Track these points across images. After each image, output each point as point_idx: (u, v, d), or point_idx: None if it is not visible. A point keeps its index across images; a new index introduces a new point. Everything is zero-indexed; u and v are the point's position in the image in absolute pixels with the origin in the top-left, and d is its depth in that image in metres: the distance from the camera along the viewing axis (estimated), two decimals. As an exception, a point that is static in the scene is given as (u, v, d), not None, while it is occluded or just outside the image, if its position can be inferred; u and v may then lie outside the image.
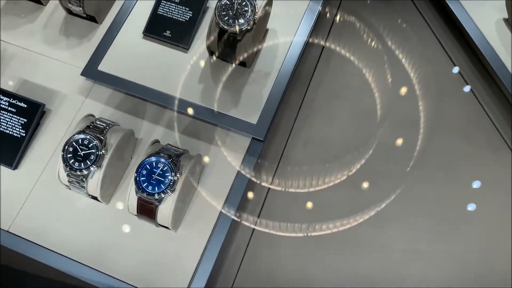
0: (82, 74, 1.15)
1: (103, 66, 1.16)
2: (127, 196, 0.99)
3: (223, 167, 1.08)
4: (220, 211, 1.04)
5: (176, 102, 1.11)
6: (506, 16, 1.19)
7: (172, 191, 0.95)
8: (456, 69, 1.22)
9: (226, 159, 1.09)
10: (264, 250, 1.08)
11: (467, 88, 1.20)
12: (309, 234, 1.08)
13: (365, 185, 1.12)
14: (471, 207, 1.08)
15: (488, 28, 1.19)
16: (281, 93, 1.12)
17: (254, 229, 1.09)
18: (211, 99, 1.11)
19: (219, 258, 1.03)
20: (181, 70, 1.15)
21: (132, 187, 0.97)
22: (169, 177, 0.94)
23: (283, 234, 1.09)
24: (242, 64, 1.14)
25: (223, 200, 1.05)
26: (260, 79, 1.14)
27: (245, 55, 1.11)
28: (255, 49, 1.15)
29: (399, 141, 1.16)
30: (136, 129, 1.12)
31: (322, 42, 1.28)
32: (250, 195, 1.12)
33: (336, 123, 1.19)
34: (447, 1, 1.23)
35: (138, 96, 1.14)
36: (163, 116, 1.15)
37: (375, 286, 1.03)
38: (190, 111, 1.11)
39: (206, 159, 1.09)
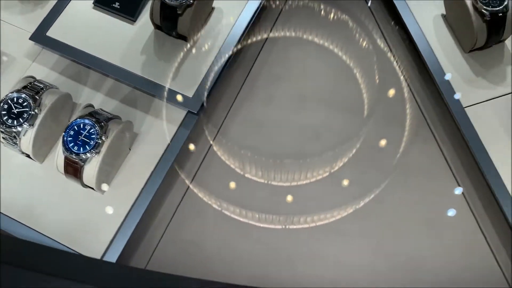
0: (30, 38, 1.19)
1: (52, 33, 1.20)
2: (56, 155, 1.03)
3: (156, 136, 1.12)
4: (147, 180, 1.08)
5: (117, 71, 1.15)
6: (445, 12, 1.23)
7: (97, 153, 0.99)
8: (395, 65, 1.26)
9: (159, 129, 1.13)
10: (190, 222, 1.12)
11: (402, 80, 1.24)
12: (236, 210, 1.12)
13: (292, 163, 1.16)
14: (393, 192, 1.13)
15: (426, 23, 1.22)
16: (220, 70, 1.16)
17: (181, 200, 1.13)
18: (150, 70, 1.15)
19: (142, 225, 1.07)
20: (126, 41, 1.19)
21: (60, 146, 1.01)
22: (95, 139, 0.98)
23: (211, 206, 1.13)
24: (184, 38, 1.18)
25: (152, 169, 1.09)
26: (200, 55, 1.18)
27: (186, 30, 1.15)
28: (198, 25, 1.19)
29: (334, 125, 1.20)
30: (77, 95, 1.16)
31: (269, 26, 1.32)
32: (181, 166, 1.16)
33: (275, 105, 1.23)
34: (392, -5, 1.27)
35: (82, 63, 1.18)
36: (104, 84, 1.18)
37: (297, 256, 1.07)
38: (129, 80, 1.15)
39: (140, 127, 1.13)
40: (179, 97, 1.13)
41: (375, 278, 1.06)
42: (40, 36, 1.19)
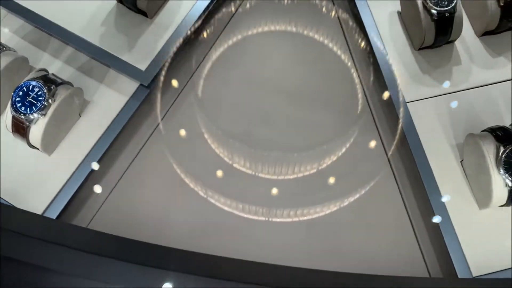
0: (-4, 2, 1.23)
1: (19, -3, 1.24)
2: (5, 115, 1.07)
3: (106, 105, 1.17)
4: (93, 145, 1.12)
5: (76, 40, 1.19)
6: (400, 9, 1.26)
7: (43, 114, 1.03)
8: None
9: (111, 99, 1.17)
10: (133, 191, 1.16)
11: (354, 73, 1.28)
12: (177, 181, 1.16)
13: (239, 144, 1.20)
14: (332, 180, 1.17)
15: (382, 19, 1.26)
16: (176, 47, 1.20)
17: (126, 169, 1.17)
18: (108, 42, 1.19)
19: (87, 187, 1.12)
20: (88, 12, 1.23)
21: (9, 106, 1.05)
22: (42, 101, 1.03)
23: (155, 176, 1.17)
24: (144, 13, 1.22)
25: (99, 136, 1.13)
26: (158, 30, 1.22)
27: (145, 5, 1.18)
28: (158, 1, 1.22)
29: (285, 111, 1.24)
30: (36, 60, 1.20)
31: (232, 9, 1.35)
32: (130, 135, 1.20)
33: (229, 87, 1.27)
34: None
35: (43, 29, 1.22)
36: (63, 51, 1.22)
37: (229, 230, 1.12)
38: (87, 50, 1.19)
39: (92, 95, 1.17)
40: (132, 69, 1.17)
41: (307, 258, 1.11)
42: (6, 1, 1.23)
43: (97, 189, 1.14)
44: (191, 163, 1.18)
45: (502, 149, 0.99)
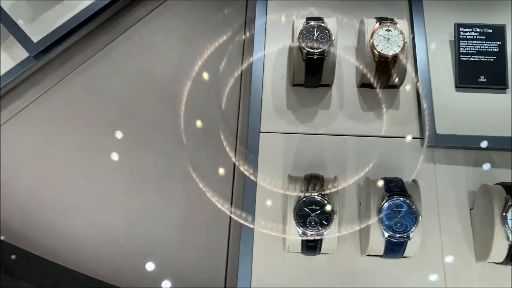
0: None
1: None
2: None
3: (-5, 65, 1.28)
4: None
5: (-11, 1, 1.31)
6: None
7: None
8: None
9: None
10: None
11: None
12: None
13: (100, 132, 1.27)
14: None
15: (271, 51, 1.29)
16: (71, 27, 1.29)
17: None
18: (14, 8, 1.30)
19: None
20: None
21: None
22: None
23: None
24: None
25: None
26: (60, 9, 1.31)
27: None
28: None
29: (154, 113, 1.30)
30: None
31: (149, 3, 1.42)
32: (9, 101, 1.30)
33: (117, 78, 1.34)
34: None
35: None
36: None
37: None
38: (-6, 12, 1.30)
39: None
40: (24, 38, 1.27)
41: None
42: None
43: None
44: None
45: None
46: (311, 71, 1.17)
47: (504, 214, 0.98)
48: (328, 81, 1.22)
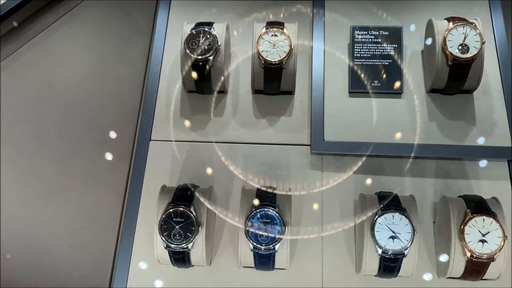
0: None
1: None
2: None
3: None
4: None
5: None
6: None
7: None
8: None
9: None
10: None
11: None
12: None
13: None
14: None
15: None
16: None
17: None
18: None
19: None
20: None
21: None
22: None
23: None
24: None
25: None
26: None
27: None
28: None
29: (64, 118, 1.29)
30: None
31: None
32: None
33: (21, 78, 1.33)
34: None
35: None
36: None
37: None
38: None
39: None
40: None
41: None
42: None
43: None
44: None
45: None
46: (200, 78, 1.15)
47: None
48: (221, 88, 1.19)
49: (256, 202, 0.98)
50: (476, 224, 0.94)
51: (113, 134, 1.25)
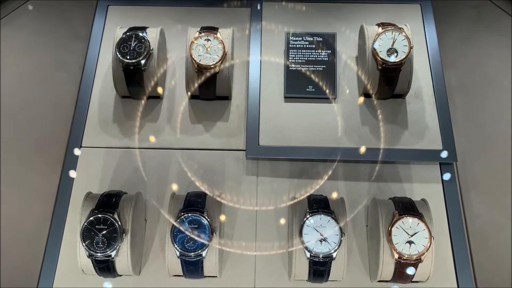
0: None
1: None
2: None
3: None
4: None
5: None
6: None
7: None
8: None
9: None
10: None
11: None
12: None
13: None
14: None
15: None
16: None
17: None
18: None
19: None
20: None
21: None
22: None
23: None
24: None
25: None
26: None
27: None
28: None
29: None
30: None
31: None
32: None
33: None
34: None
35: None
36: None
37: None
38: None
39: None
40: None
41: None
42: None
43: None
44: None
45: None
46: (132, 82, 1.12)
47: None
48: (156, 93, 1.17)
49: (183, 207, 0.95)
50: (403, 225, 0.94)
51: (46, 141, 1.21)
